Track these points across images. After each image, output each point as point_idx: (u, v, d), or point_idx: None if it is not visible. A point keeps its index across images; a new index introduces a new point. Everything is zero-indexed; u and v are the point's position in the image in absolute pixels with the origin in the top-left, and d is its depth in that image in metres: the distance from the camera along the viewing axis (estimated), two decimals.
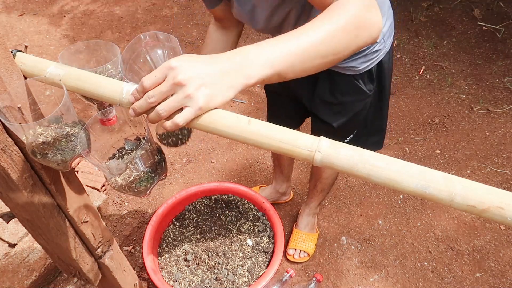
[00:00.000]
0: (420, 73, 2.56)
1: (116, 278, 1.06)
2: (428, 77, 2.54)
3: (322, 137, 0.52)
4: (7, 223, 0.84)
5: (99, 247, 0.95)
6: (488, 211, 0.44)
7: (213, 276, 1.39)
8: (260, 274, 1.38)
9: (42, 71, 0.63)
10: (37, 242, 0.91)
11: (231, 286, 1.36)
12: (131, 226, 1.78)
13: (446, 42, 2.76)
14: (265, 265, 1.42)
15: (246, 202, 1.59)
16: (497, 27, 2.78)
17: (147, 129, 0.62)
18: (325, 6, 0.63)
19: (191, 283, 1.38)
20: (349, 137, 1.24)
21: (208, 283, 1.37)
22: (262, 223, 1.52)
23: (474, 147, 2.10)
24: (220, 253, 1.44)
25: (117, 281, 1.06)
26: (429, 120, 2.26)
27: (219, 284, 1.37)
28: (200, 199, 1.62)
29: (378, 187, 1.92)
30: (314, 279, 1.54)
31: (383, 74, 1.11)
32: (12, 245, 1.52)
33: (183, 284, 1.38)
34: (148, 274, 1.36)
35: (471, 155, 2.06)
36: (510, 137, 2.13)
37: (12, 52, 0.64)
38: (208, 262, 1.42)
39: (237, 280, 1.37)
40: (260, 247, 1.46)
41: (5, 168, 0.64)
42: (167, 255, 1.47)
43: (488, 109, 2.30)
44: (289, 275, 1.53)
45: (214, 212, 1.58)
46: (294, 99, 1.28)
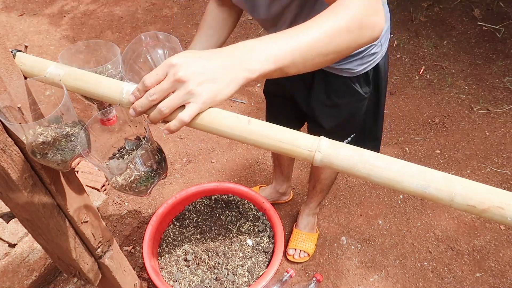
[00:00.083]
0: (420, 73, 2.56)
1: (116, 278, 1.06)
2: (428, 77, 2.54)
3: (322, 137, 0.52)
4: (7, 223, 0.84)
5: (99, 247, 0.95)
6: (488, 211, 0.44)
7: (213, 276, 1.39)
8: (260, 274, 1.38)
9: (42, 71, 0.63)
10: (37, 242, 0.91)
11: (231, 286, 1.36)
12: (131, 226, 1.78)
13: (446, 42, 2.76)
14: (265, 265, 1.42)
15: (246, 202, 1.59)
16: (497, 27, 2.78)
17: (147, 128, 0.62)
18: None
19: (191, 283, 1.38)
20: (345, 141, 1.24)
21: (208, 283, 1.37)
22: (262, 223, 1.52)
23: (474, 147, 2.10)
24: (220, 253, 1.44)
25: (117, 281, 1.06)
26: (429, 120, 2.26)
27: (219, 284, 1.37)
28: (200, 199, 1.62)
29: (378, 187, 1.91)
30: (314, 279, 1.54)
31: (379, 78, 1.11)
32: (12, 245, 1.52)
33: (183, 284, 1.38)
34: (148, 274, 1.36)
35: (471, 155, 2.06)
36: (510, 137, 2.13)
37: (12, 52, 0.64)
38: (208, 262, 1.42)
39: (237, 280, 1.37)
40: (260, 247, 1.46)
41: (5, 168, 0.64)
42: (167, 255, 1.47)
43: (488, 109, 2.30)
44: (289, 275, 1.53)
45: (214, 212, 1.58)
46: (292, 102, 1.27)
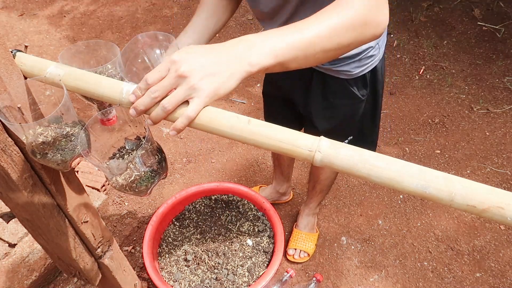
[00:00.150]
0: (420, 73, 2.56)
1: (116, 278, 1.05)
2: (428, 77, 2.54)
3: (322, 137, 0.52)
4: (7, 223, 0.84)
5: (99, 247, 0.95)
6: (488, 211, 0.44)
7: (213, 276, 1.39)
8: (260, 274, 1.38)
9: (42, 71, 0.63)
10: (37, 242, 0.91)
11: (231, 286, 1.36)
12: (131, 226, 1.78)
13: (446, 42, 2.76)
14: (265, 265, 1.42)
15: (246, 202, 1.59)
16: (497, 27, 2.78)
17: (147, 128, 0.62)
18: None
19: (191, 283, 1.38)
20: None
21: (208, 283, 1.37)
22: (262, 223, 1.52)
23: (474, 147, 2.10)
24: (220, 253, 1.44)
25: (117, 281, 1.06)
26: (429, 120, 2.26)
27: (219, 284, 1.37)
28: (200, 199, 1.62)
29: (378, 187, 1.91)
30: (314, 279, 1.54)
31: (377, 81, 1.11)
32: (12, 245, 1.52)
33: (183, 284, 1.38)
34: (148, 274, 1.36)
35: (471, 155, 2.06)
36: (510, 137, 2.13)
37: (12, 52, 0.64)
38: (208, 262, 1.42)
39: (237, 280, 1.37)
40: (260, 247, 1.46)
41: (5, 168, 0.64)
42: (167, 255, 1.47)
43: (488, 109, 2.30)
44: (289, 275, 1.53)
45: (214, 212, 1.58)
46: (290, 103, 1.27)
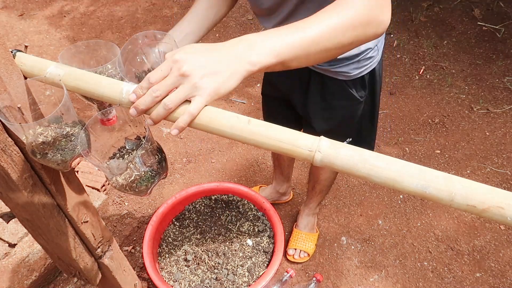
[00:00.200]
0: (420, 73, 2.56)
1: (116, 278, 1.05)
2: (428, 77, 2.54)
3: (322, 137, 0.52)
4: (7, 223, 0.84)
5: (99, 247, 0.95)
6: (488, 211, 0.44)
7: (213, 276, 1.39)
8: (260, 274, 1.38)
9: (42, 71, 0.63)
10: (37, 242, 0.91)
11: (231, 286, 1.36)
12: (131, 226, 1.78)
13: (446, 42, 2.76)
14: (265, 265, 1.42)
15: (246, 202, 1.59)
16: (497, 27, 2.78)
17: (147, 128, 0.62)
18: None
19: (191, 283, 1.38)
20: None
21: (208, 283, 1.37)
22: (262, 223, 1.52)
23: (474, 147, 2.10)
24: (220, 253, 1.44)
25: (117, 281, 1.06)
26: (429, 120, 2.26)
27: (219, 284, 1.37)
28: (200, 199, 1.62)
29: (378, 187, 1.91)
30: (314, 279, 1.54)
31: (375, 83, 1.11)
32: (12, 245, 1.52)
33: (183, 284, 1.38)
34: (148, 274, 1.36)
35: (471, 155, 2.06)
36: (510, 137, 2.13)
37: (12, 52, 0.64)
38: (208, 262, 1.42)
39: (237, 280, 1.37)
40: (260, 247, 1.46)
41: (5, 168, 0.64)
42: (167, 255, 1.47)
43: (488, 109, 2.30)
44: (289, 275, 1.53)
45: (214, 212, 1.58)
46: (288, 104, 1.26)
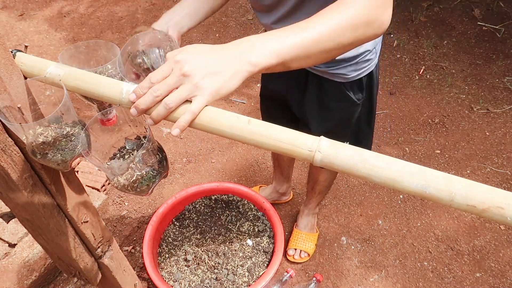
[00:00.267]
0: (420, 73, 2.56)
1: (116, 278, 1.05)
2: (428, 77, 2.54)
3: (322, 137, 0.52)
4: (7, 223, 0.84)
5: (99, 247, 0.95)
6: (488, 211, 0.44)
7: (213, 276, 1.39)
8: (260, 274, 1.38)
9: (42, 71, 0.63)
10: (37, 242, 0.91)
11: (231, 286, 1.36)
12: (131, 226, 1.78)
13: (446, 42, 2.76)
14: (265, 265, 1.42)
15: (246, 202, 1.59)
16: (497, 27, 2.78)
17: (148, 128, 0.62)
18: None
19: (191, 283, 1.38)
20: None
21: (208, 283, 1.37)
22: (262, 223, 1.52)
23: (474, 147, 2.10)
24: (220, 253, 1.44)
25: (117, 281, 1.06)
26: (429, 120, 2.26)
27: (219, 284, 1.37)
28: (200, 199, 1.62)
29: (378, 187, 1.91)
30: (314, 279, 1.54)
31: (373, 86, 1.11)
32: (12, 245, 1.52)
33: (183, 284, 1.38)
34: (148, 274, 1.36)
35: (471, 155, 2.06)
36: (510, 137, 2.13)
37: (12, 52, 0.64)
38: (208, 262, 1.42)
39: (237, 280, 1.37)
40: (260, 247, 1.46)
41: (5, 168, 0.64)
42: (167, 255, 1.47)
43: (488, 109, 2.30)
44: (289, 275, 1.53)
45: (214, 212, 1.58)
46: (286, 105, 1.26)
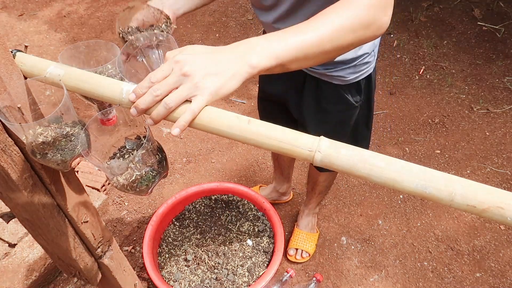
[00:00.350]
0: (420, 73, 2.56)
1: (116, 278, 1.05)
2: (428, 77, 2.54)
3: (322, 137, 0.52)
4: (7, 223, 0.84)
5: (99, 247, 0.95)
6: (488, 211, 0.44)
7: (213, 276, 1.39)
8: (260, 274, 1.38)
9: (42, 71, 0.63)
10: (37, 242, 0.91)
11: (231, 286, 1.36)
12: (131, 226, 1.78)
13: (446, 42, 2.76)
14: (265, 265, 1.42)
15: (246, 202, 1.59)
16: (497, 27, 2.78)
17: (147, 128, 0.62)
18: None
19: (191, 283, 1.38)
20: None
21: (208, 283, 1.37)
22: (262, 223, 1.52)
23: (474, 147, 2.10)
24: (220, 253, 1.44)
25: (117, 281, 1.06)
26: (429, 120, 2.26)
27: (219, 284, 1.37)
28: (200, 199, 1.62)
29: (378, 187, 1.91)
30: (314, 279, 1.54)
31: (371, 89, 1.11)
32: (12, 245, 1.52)
33: (183, 284, 1.38)
34: (148, 274, 1.36)
35: (471, 155, 2.06)
36: (510, 137, 2.13)
37: (12, 52, 0.64)
38: (208, 262, 1.42)
39: (237, 280, 1.37)
40: (260, 247, 1.46)
41: (5, 168, 0.64)
42: (167, 255, 1.47)
43: (488, 109, 2.30)
44: (289, 275, 1.53)
45: (214, 212, 1.58)
46: (284, 107, 1.26)
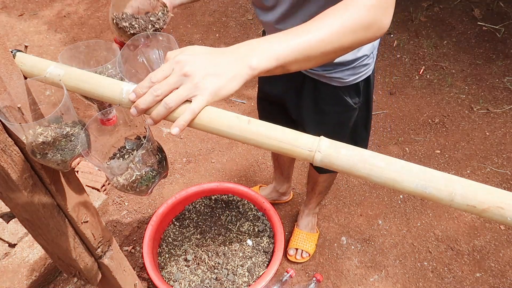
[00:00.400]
0: (420, 73, 2.56)
1: (116, 278, 1.05)
2: (428, 77, 2.54)
3: (322, 137, 0.52)
4: (7, 223, 0.84)
5: (99, 247, 0.95)
6: (488, 211, 0.44)
7: (213, 276, 1.39)
8: (260, 274, 1.38)
9: (42, 71, 0.63)
10: (37, 242, 0.91)
11: (231, 286, 1.36)
12: (131, 226, 1.78)
13: (446, 42, 2.76)
14: (265, 265, 1.42)
15: (246, 202, 1.59)
16: (497, 27, 2.78)
17: (147, 128, 0.62)
18: None
19: (191, 283, 1.38)
20: None
21: (208, 283, 1.37)
22: (262, 223, 1.52)
23: (474, 147, 2.10)
24: (220, 253, 1.44)
25: (117, 281, 1.06)
26: (429, 120, 2.26)
27: (219, 284, 1.37)
28: (200, 199, 1.62)
29: (378, 187, 1.91)
30: (314, 279, 1.54)
31: (370, 90, 1.11)
32: (12, 245, 1.52)
33: (183, 284, 1.38)
34: (148, 274, 1.36)
35: (471, 155, 2.06)
36: (510, 137, 2.13)
37: (12, 52, 0.64)
38: (208, 262, 1.42)
39: (237, 280, 1.37)
40: (260, 247, 1.46)
41: (5, 168, 0.64)
42: (167, 255, 1.47)
43: (488, 109, 2.30)
44: (289, 275, 1.53)
45: (214, 212, 1.58)
46: (283, 108, 1.26)
